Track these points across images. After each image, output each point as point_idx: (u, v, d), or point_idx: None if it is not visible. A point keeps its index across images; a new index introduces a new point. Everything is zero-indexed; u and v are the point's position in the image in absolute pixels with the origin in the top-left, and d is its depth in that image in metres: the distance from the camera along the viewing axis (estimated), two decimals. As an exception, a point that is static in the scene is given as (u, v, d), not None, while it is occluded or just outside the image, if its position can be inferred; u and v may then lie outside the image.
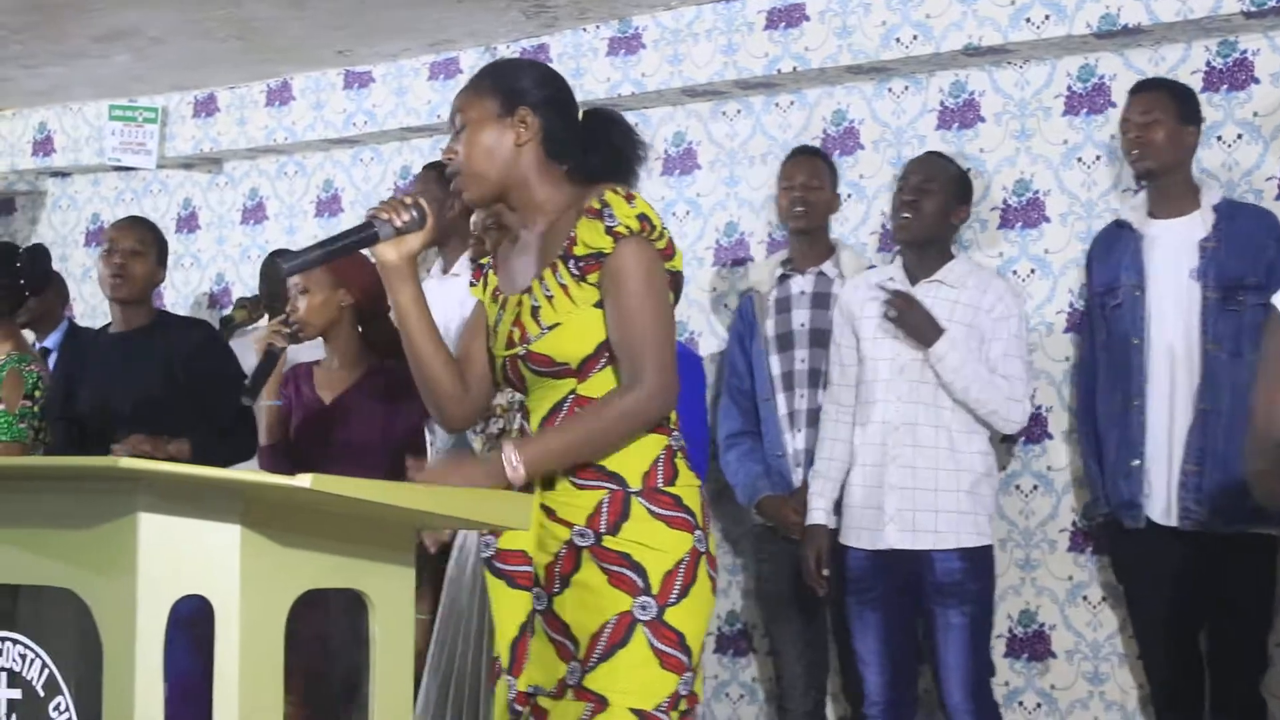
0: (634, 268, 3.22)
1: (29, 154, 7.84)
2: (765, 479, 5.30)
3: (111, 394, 4.94)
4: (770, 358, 5.34)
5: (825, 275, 5.32)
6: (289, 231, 7.24)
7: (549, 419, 3.28)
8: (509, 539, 3.28)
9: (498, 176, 3.31)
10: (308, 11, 5.99)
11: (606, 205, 3.23)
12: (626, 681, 3.17)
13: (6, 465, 3.38)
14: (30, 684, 2.86)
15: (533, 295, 3.29)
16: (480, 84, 3.35)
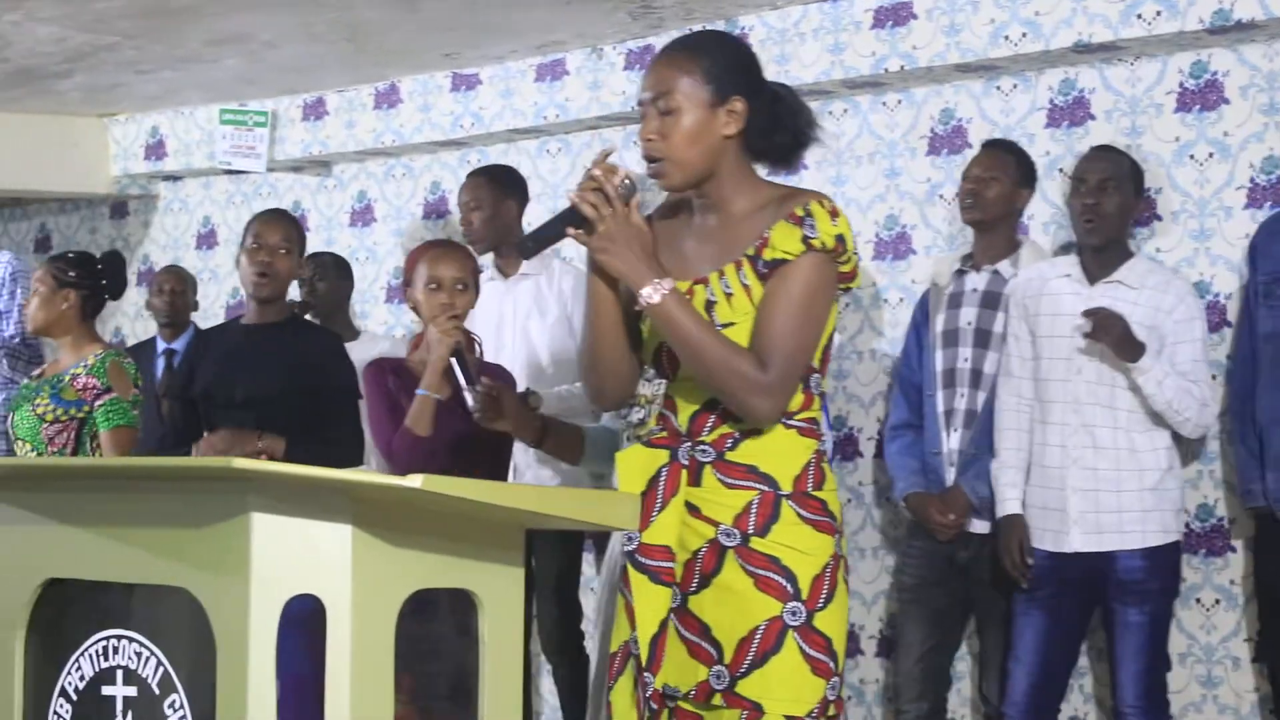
0: (807, 278, 3.16)
1: (141, 158, 7.94)
2: (920, 475, 5.23)
3: (227, 380, 4.95)
4: (935, 353, 5.24)
5: (1000, 274, 5.19)
6: (396, 234, 7.28)
7: (700, 415, 3.23)
8: (653, 533, 3.20)
9: (703, 167, 3.21)
10: (416, 14, 6.03)
11: (810, 215, 3.16)
12: (780, 688, 3.14)
13: (121, 465, 3.43)
14: (146, 682, 2.89)
15: (709, 288, 3.20)
16: (693, 64, 3.20)
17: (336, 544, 2.74)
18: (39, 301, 5.40)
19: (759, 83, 3.27)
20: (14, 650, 3.09)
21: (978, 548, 5.13)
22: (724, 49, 3.27)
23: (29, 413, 5.31)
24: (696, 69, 3.19)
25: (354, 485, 2.75)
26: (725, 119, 3.20)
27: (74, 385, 5.30)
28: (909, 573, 5.34)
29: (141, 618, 2.95)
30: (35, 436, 5.30)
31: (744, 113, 3.21)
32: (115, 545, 2.92)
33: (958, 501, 5.12)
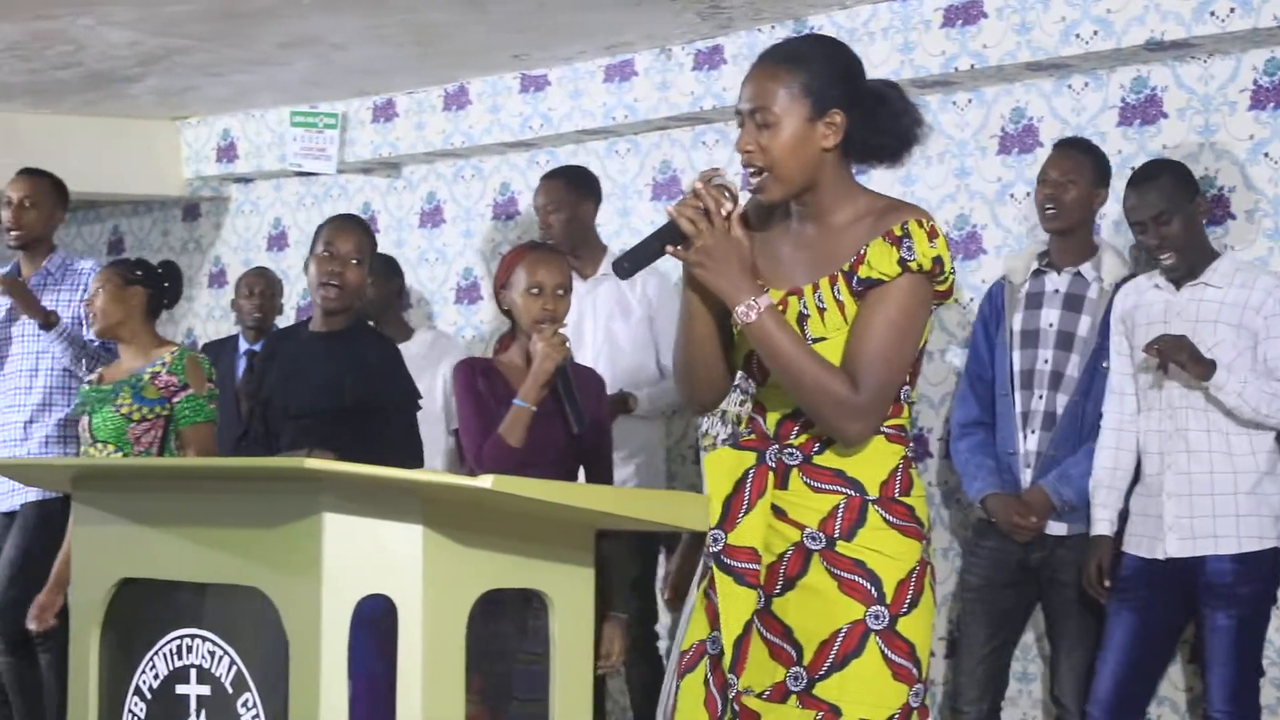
0: (904, 300, 3.14)
1: (213, 160, 7.99)
2: (995, 475, 5.18)
3: (289, 389, 4.94)
4: (1013, 353, 5.19)
5: (1082, 276, 5.15)
6: (466, 235, 7.30)
7: (788, 420, 3.22)
8: (740, 534, 3.18)
9: (803, 180, 3.19)
10: (485, 16, 6.04)
11: (908, 236, 3.14)
12: (859, 692, 3.13)
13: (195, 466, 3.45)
14: (219, 680, 2.91)
15: (803, 300, 3.19)
16: (791, 77, 3.17)
17: (407, 544, 2.75)
18: (108, 298, 5.42)
19: (859, 90, 3.23)
20: (90, 648, 3.11)
21: (1052, 549, 5.10)
22: (823, 60, 3.22)
23: (112, 414, 5.32)
24: (795, 82, 3.17)
25: (425, 486, 2.76)
26: (824, 132, 3.18)
27: (155, 384, 5.33)
28: (975, 573, 5.30)
29: (214, 617, 2.97)
30: (120, 437, 5.32)
31: (843, 124, 3.19)
32: (189, 545, 2.94)
33: (1040, 503, 5.08)
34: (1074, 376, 5.09)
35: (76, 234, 8.83)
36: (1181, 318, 4.87)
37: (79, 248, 8.70)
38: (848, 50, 3.31)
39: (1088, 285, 5.14)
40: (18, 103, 7.53)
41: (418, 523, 2.75)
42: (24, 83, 7.11)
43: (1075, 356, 5.11)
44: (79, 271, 6.27)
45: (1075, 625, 5.10)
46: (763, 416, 3.27)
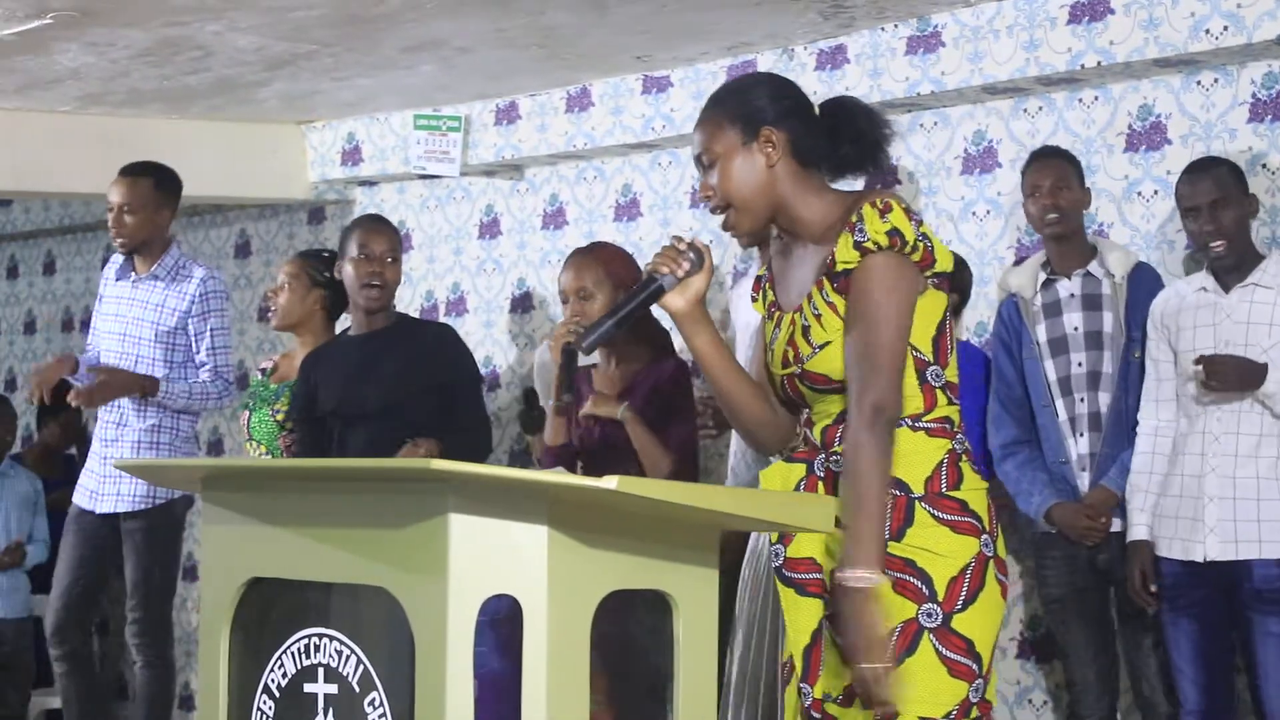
0: (868, 284, 3.19)
1: (338, 164, 8.06)
2: (1051, 487, 5.21)
3: (351, 394, 5.00)
4: (1045, 363, 5.25)
5: (1093, 276, 5.24)
6: (588, 236, 7.32)
7: (831, 428, 3.26)
8: (797, 547, 3.25)
9: (763, 202, 3.30)
10: (607, 17, 6.05)
11: (861, 219, 3.20)
12: (914, 689, 3.14)
13: (324, 467, 3.48)
14: (346, 680, 2.93)
15: (803, 314, 3.28)
16: (716, 116, 3.33)
17: (532, 544, 2.76)
18: (292, 297, 5.42)
19: (796, 106, 3.33)
20: (220, 647, 3.15)
21: (1117, 548, 5.10)
22: (746, 90, 3.36)
23: (268, 416, 5.34)
24: (722, 117, 3.31)
25: (550, 486, 2.77)
26: (762, 151, 3.28)
27: None
28: (1053, 584, 5.30)
29: (341, 616, 2.99)
30: (272, 441, 5.34)
31: (783, 139, 3.28)
32: (316, 545, 2.97)
33: (1105, 502, 5.12)
34: (1110, 374, 5.14)
35: (204, 238, 8.95)
36: (1233, 319, 4.86)
37: (206, 251, 8.81)
38: (777, 78, 3.45)
39: (1100, 283, 5.21)
40: (149, 108, 7.64)
41: (542, 523, 2.76)
42: (154, 89, 7.22)
43: (1107, 354, 5.16)
44: (189, 279, 6.17)
45: (1152, 620, 5.08)
46: (810, 429, 3.33)
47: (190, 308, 6.11)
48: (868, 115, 3.36)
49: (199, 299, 6.10)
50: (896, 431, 3.19)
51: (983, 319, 5.97)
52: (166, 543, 6.01)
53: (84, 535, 6.14)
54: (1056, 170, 5.28)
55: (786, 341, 3.31)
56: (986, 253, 5.94)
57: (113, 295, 6.29)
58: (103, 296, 6.37)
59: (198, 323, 6.09)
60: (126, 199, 6.15)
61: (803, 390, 3.30)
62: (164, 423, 6.04)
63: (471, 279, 7.72)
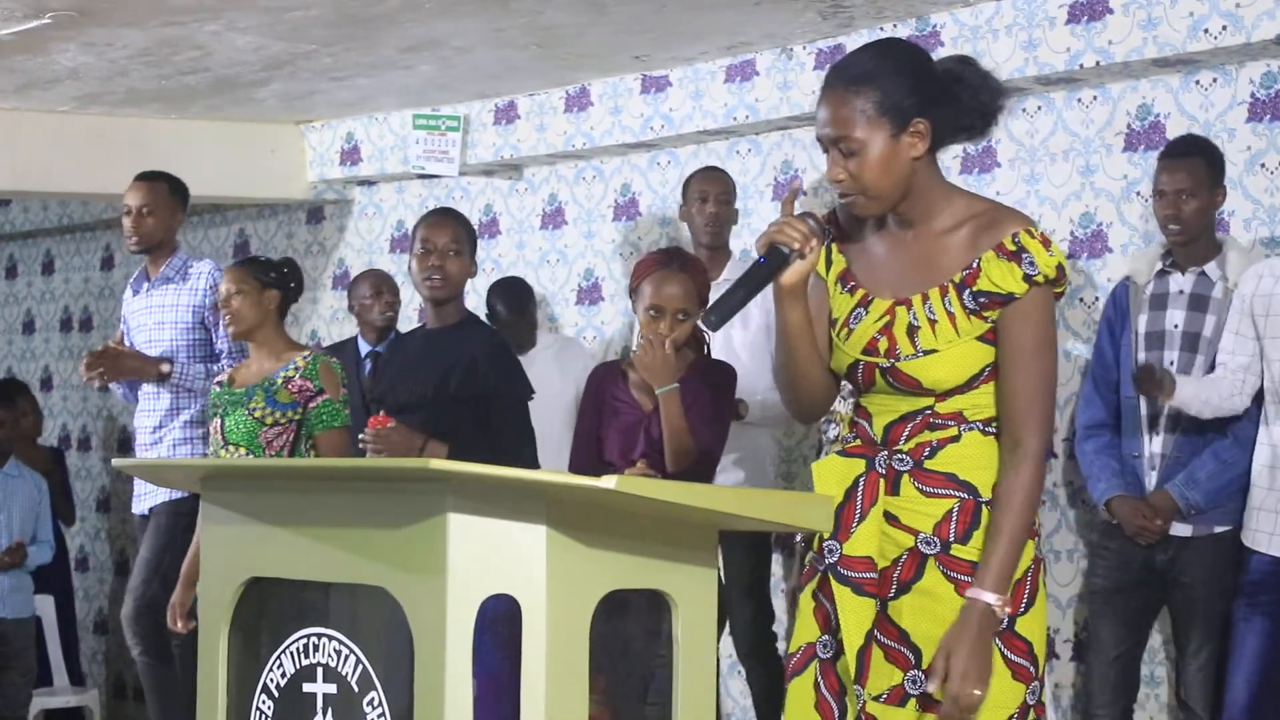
0: (1040, 319, 3.14)
1: (337, 163, 8.07)
2: (1119, 478, 5.15)
3: (400, 385, 5.01)
4: (1138, 354, 5.14)
5: (1207, 276, 5.10)
6: (587, 236, 7.32)
7: (897, 425, 3.19)
8: (855, 544, 3.17)
9: (898, 193, 3.17)
10: (606, 17, 6.05)
11: (1025, 250, 3.11)
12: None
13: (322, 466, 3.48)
14: (345, 679, 2.93)
15: (912, 311, 3.17)
16: (863, 99, 3.12)
17: (532, 544, 2.76)
18: (246, 302, 5.46)
19: (936, 89, 3.18)
20: (218, 647, 3.15)
21: (1178, 550, 5.05)
22: (893, 72, 3.16)
23: (245, 417, 5.36)
24: (869, 103, 3.12)
25: (549, 486, 2.76)
26: (910, 143, 3.16)
27: (288, 388, 5.36)
28: (1101, 574, 5.26)
29: (340, 616, 2.99)
30: (252, 441, 5.35)
31: (928, 130, 3.16)
32: (316, 545, 2.97)
33: (1165, 506, 5.04)
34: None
35: (203, 237, 8.95)
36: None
37: (205, 251, 8.81)
38: (914, 49, 3.27)
39: (1212, 285, 5.08)
40: (147, 108, 7.64)
41: (542, 523, 2.76)
42: (153, 89, 7.22)
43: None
44: (196, 274, 6.33)
45: (1202, 628, 5.03)
46: (868, 422, 3.25)
47: (204, 300, 6.27)
48: (989, 86, 3.21)
49: (209, 291, 6.25)
50: (969, 435, 3.16)
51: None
52: (185, 530, 6.04)
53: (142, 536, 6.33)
54: (1185, 175, 5.07)
55: (880, 330, 3.19)
56: (985, 252, 5.93)
57: (134, 310, 6.46)
58: (125, 316, 6.52)
59: (211, 314, 6.22)
60: (146, 201, 6.33)
61: (877, 380, 3.20)
62: (196, 417, 6.22)
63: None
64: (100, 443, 9.36)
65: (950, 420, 3.17)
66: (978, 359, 3.15)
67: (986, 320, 3.14)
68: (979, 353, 3.15)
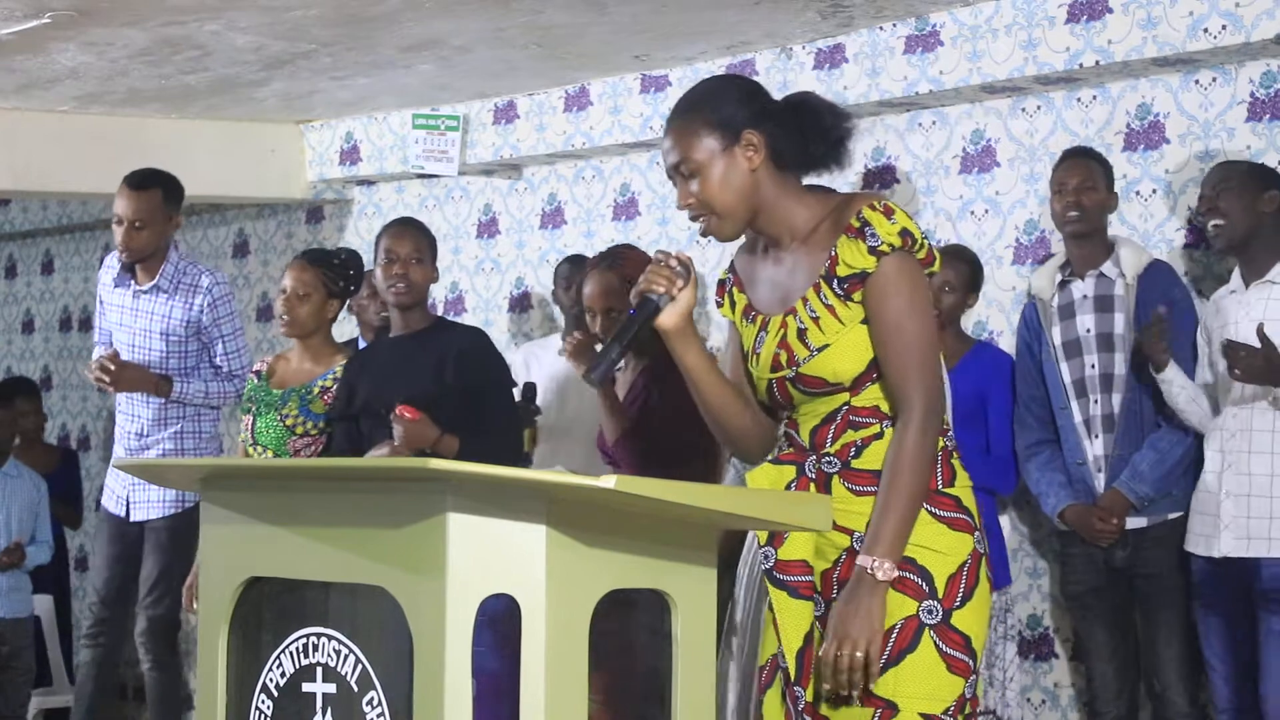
0: (897, 285, 3.19)
1: (336, 163, 8.06)
2: (1068, 488, 5.25)
3: (383, 393, 5.05)
4: (1061, 365, 5.28)
5: (1105, 276, 5.24)
6: (587, 235, 7.32)
7: (821, 429, 3.26)
8: (789, 549, 3.24)
9: (746, 206, 3.27)
10: (605, 17, 6.05)
11: (867, 224, 3.19)
12: (915, 686, 3.16)
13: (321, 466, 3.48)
14: (344, 679, 2.93)
15: (798, 317, 3.25)
16: (691, 124, 3.27)
17: (531, 544, 2.76)
18: (310, 308, 5.42)
19: (769, 107, 3.30)
20: (218, 646, 3.15)
21: (1135, 544, 5.15)
22: (719, 93, 3.32)
23: (276, 421, 5.33)
24: (698, 124, 3.26)
25: (549, 486, 2.76)
26: (744, 155, 3.25)
27: (324, 399, 5.32)
28: (1074, 580, 5.35)
29: (340, 616, 2.99)
30: (280, 446, 5.33)
31: (762, 141, 3.25)
32: (315, 544, 2.97)
33: (1118, 504, 5.14)
34: (1122, 375, 5.17)
35: (202, 237, 8.95)
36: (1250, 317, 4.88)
37: (205, 251, 8.81)
38: (742, 79, 3.44)
39: (1112, 283, 5.22)
40: (147, 108, 7.64)
41: (541, 523, 2.76)
42: (153, 88, 7.21)
43: (1118, 355, 5.18)
44: (196, 288, 6.16)
45: (1171, 616, 5.12)
46: (796, 431, 3.32)
47: (201, 317, 6.16)
48: (831, 111, 3.33)
49: (209, 308, 6.15)
50: (890, 430, 3.22)
51: (981, 318, 5.97)
52: (188, 543, 6.05)
53: (118, 538, 6.23)
54: (1084, 170, 5.28)
55: (777, 344, 3.28)
56: (984, 252, 5.94)
57: (115, 304, 6.30)
58: (104, 302, 6.38)
59: (211, 330, 6.17)
60: (138, 215, 6.09)
61: (792, 393, 3.29)
62: (186, 427, 6.16)
63: (470, 278, 7.72)
64: (100, 442, 9.36)
65: (870, 418, 3.24)
66: (870, 344, 3.22)
67: (859, 303, 3.21)
68: (868, 337, 3.22)
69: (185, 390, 6.09)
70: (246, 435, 5.42)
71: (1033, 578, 5.86)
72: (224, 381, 6.16)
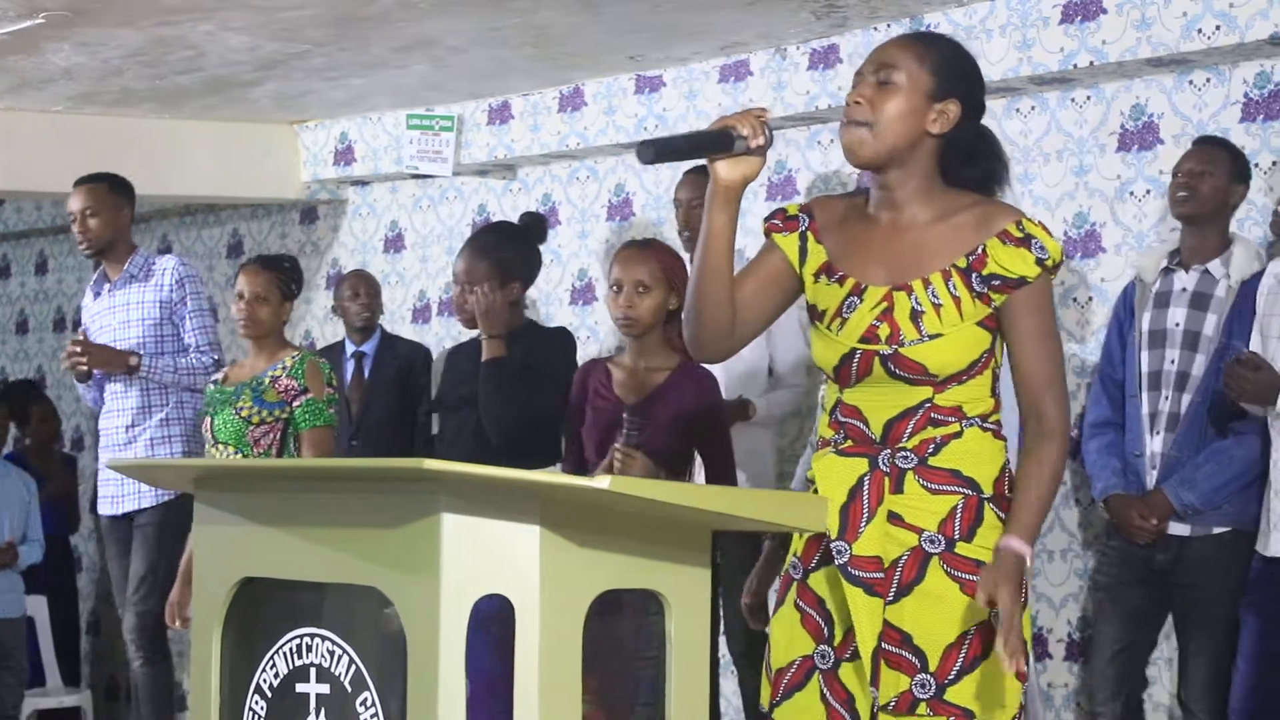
0: (1045, 304, 3.18)
1: (330, 163, 8.06)
2: (1120, 476, 5.14)
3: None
4: (1141, 353, 5.14)
5: (1210, 274, 5.07)
6: (581, 236, 7.32)
7: (898, 422, 3.17)
8: (864, 544, 3.14)
9: (899, 149, 3.17)
10: (600, 17, 6.05)
11: (1033, 236, 3.14)
12: (992, 694, 3.11)
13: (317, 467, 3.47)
14: (338, 679, 2.93)
15: (913, 297, 3.16)
16: (924, 51, 3.19)
17: (525, 544, 2.76)
18: (269, 310, 5.51)
19: (979, 103, 3.25)
20: (211, 647, 3.14)
21: (1177, 550, 5.03)
22: (959, 55, 3.26)
23: (232, 416, 5.39)
24: (927, 58, 3.18)
25: (542, 486, 2.76)
26: (936, 115, 3.17)
27: (275, 387, 5.39)
28: (1104, 572, 5.26)
29: (333, 616, 2.98)
30: (240, 439, 5.38)
31: (955, 118, 3.18)
32: (309, 545, 2.96)
33: (1160, 506, 5.02)
34: (1198, 377, 5.02)
35: (197, 237, 8.94)
36: None
37: (199, 251, 8.81)
38: (980, 69, 3.32)
39: (1215, 283, 5.06)
40: (141, 108, 7.63)
41: (535, 523, 2.76)
42: (147, 89, 7.21)
43: (1200, 357, 5.03)
44: (160, 270, 6.34)
45: (1203, 630, 5.01)
46: (862, 421, 3.21)
47: (170, 296, 6.29)
48: (1003, 160, 3.31)
49: (176, 286, 6.30)
50: (970, 431, 3.17)
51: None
52: (176, 537, 6.06)
53: (123, 542, 6.30)
54: (1205, 156, 5.09)
55: (879, 316, 3.16)
56: (979, 252, 5.93)
57: (95, 312, 6.44)
58: (84, 322, 6.50)
59: (179, 309, 6.30)
60: (87, 203, 6.32)
61: (875, 370, 3.16)
62: (171, 415, 6.23)
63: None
64: (94, 443, 9.35)
65: (951, 416, 3.17)
66: (978, 344, 3.16)
67: (990, 305, 3.15)
68: (979, 338, 3.17)
69: (154, 365, 6.18)
70: (207, 436, 5.49)
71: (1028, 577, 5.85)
72: (192, 356, 6.24)
